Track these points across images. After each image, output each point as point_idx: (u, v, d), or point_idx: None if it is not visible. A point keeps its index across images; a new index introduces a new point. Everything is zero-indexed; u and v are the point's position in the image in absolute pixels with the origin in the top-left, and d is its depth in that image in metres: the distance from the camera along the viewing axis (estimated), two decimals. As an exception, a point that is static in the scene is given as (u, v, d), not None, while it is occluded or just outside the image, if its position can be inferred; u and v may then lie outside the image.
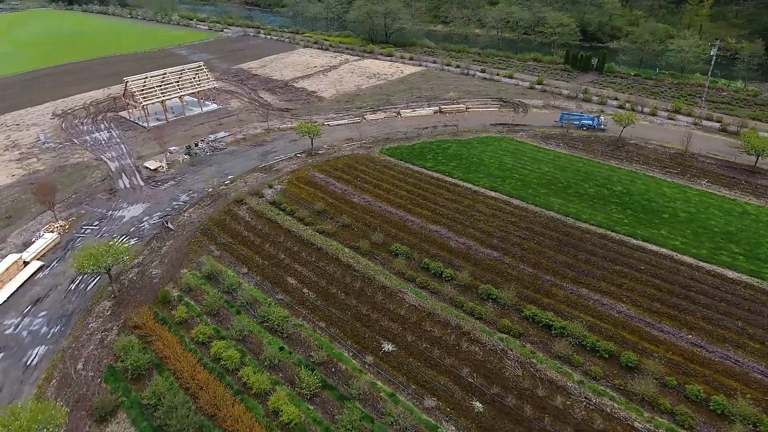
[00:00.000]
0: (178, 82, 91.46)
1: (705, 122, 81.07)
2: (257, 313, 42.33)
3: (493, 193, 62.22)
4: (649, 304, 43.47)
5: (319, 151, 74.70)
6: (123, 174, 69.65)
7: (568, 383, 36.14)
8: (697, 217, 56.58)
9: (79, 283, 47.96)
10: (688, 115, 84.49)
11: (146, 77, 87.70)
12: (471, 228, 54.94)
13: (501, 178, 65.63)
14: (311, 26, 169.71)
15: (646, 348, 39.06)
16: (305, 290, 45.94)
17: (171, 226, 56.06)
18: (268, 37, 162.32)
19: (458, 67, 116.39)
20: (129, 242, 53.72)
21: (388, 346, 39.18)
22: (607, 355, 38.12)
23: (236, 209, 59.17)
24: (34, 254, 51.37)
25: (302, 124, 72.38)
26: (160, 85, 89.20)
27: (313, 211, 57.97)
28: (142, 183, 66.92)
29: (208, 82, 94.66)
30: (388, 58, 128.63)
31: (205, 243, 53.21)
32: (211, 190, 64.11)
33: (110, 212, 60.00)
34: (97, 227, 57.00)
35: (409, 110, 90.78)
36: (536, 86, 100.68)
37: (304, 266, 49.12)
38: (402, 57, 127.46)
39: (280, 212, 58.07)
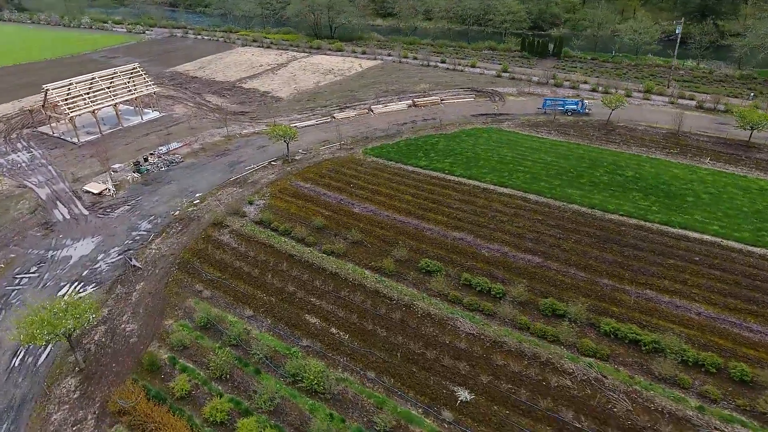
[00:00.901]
0: (109, 87, 76.55)
1: (680, 101, 79.30)
2: (285, 371, 32.17)
3: (504, 189, 55.22)
4: (724, 301, 38.16)
5: (296, 157, 64.20)
6: (58, 202, 55.38)
7: (688, 412, 29.58)
8: (721, 197, 52.83)
9: (24, 356, 35.10)
10: (660, 94, 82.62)
11: (71, 83, 72.24)
12: (498, 231, 47.52)
13: (507, 172, 58.85)
14: (245, 24, 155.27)
15: (748, 354, 33.48)
16: (334, 330, 36.24)
17: (137, 264, 43.80)
18: (199, 37, 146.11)
19: (416, 58, 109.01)
20: (85, 290, 41.03)
21: (463, 394, 30.67)
22: (714, 370, 32.09)
23: (217, 234, 47.79)
24: (-48, 322, 37.56)
25: (276, 127, 61.53)
26: (89, 93, 73.99)
27: (311, 228, 47.92)
28: (85, 211, 53.24)
29: (146, 86, 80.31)
30: (339, 53, 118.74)
31: (187, 282, 41.68)
32: (178, 213, 51.95)
33: (50, 253, 46.41)
34: (35, 275, 43.44)
35: (380, 106, 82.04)
36: (503, 74, 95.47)
37: (322, 299, 39.28)
38: (354, 51, 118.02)
39: (273, 233, 47.50)
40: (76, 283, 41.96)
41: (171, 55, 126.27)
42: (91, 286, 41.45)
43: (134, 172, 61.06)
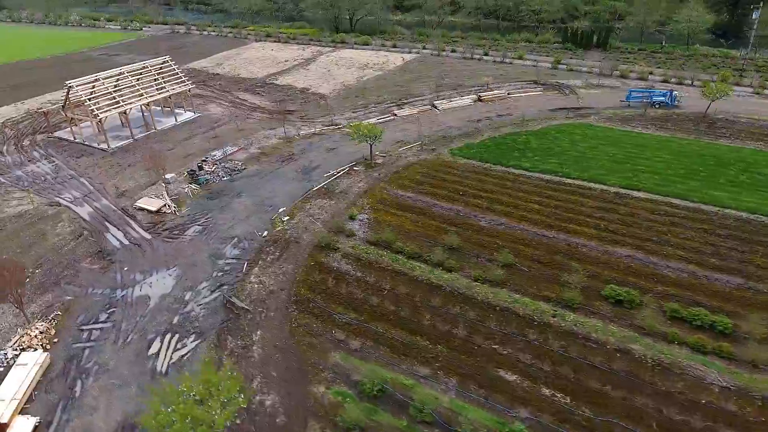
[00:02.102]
0: (139, 84, 64.56)
1: (765, 91, 72.54)
2: (525, 464, 22.55)
3: (639, 194, 46.52)
4: None
5: (377, 161, 54.13)
6: (107, 224, 43.92)
7: None
8: None
9: (131, 453, 24.37)
10: (737, 84, 75.66)
11: (96, 79, 60.15)
12: (666, 245, 38.72)
13: (629, 173, 50.21)
14: (250, 20, 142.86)
15: None
16: (547, 391, 26.68)
17: (243, 305, 33.20)
18: (205, 33, 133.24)
19: (454, 51, 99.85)
20: (184, 345, 30.29)
21: (787, 488, 21.68)
22: None
23: (329, 260, 37.48)
24: (14, 403, 26.24)
25: (359, 126, 51.37)
26: (116, 90, 61.94)
27: (445, 248, 38.07)
28: (146, 234, 42.00)
29: (179, 83, 68.51)
30: (366, 47, 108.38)
31: (318, 328, 31.37)
32: (266, 234, 41.29)
33: (119, 292, 35.21)
34: (109, 324, 32.30)
35: (444, 101, 72.50)
36: (559, 66, 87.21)
37: (507, 345, 29.68)
38: (383, 45, 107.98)
39: (398, 256, 37.47)
40: (168, 335, 31.10)
41: (180, 52, 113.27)
42: (191, 340, 30.69)
43: (191, 183, 49.93)
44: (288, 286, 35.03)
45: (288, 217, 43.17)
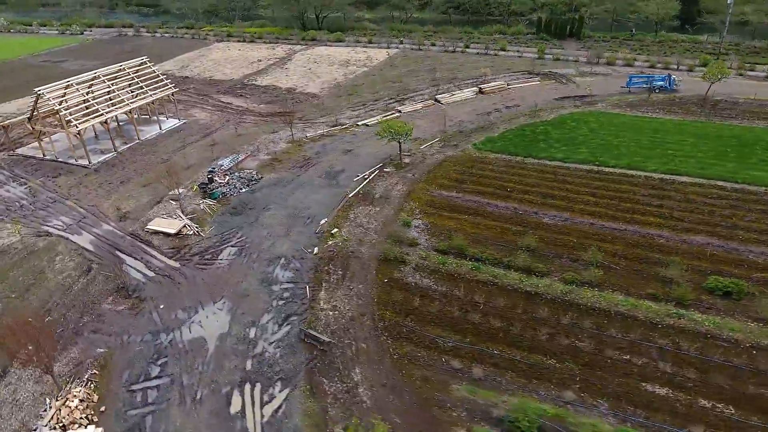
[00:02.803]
0: (117, 89, 56.04)
1: (749, 72, 74.71)
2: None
3: (683, 178, 45.13)
4: None
5: (405, 160, 49.69)
6: (119, 253, 36.66)
7: None
8: None
9: None
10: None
11: (68, 85, 51.30)
12: (737, 229, 37.15)
13: (664, 158, 48.88)
14: (206, 20, 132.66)
15: None
16: (704, 402, 23.66)
17: (326, 337, 27.86)
18: (157, 35, 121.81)
19: (434, 45, 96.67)
20: (272, 396, 24.68)
21: None
22: None
23: (402, 275, 32.76)
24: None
25: (389, 123, 46.65)
26: (91, 96, 53.31)
27: (525, 251, 34.41)
28: (173, 263, 35.27)
29: (161, 86, 60.34)
30: (341, 44, 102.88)
31: (423, 357, 26.71)
32: (317, 251, 35.83)
33: (165, 337, 28.73)
34: (166, 380, 25.94)
35: (446, 95, 68.96)
36: (545, 56, 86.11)
37: (642, 355, 26.41)
38: (358, 42, 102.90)
39: (479, 264, 33.39)
40: (247, 386, 25.30)
41: (134, 55, 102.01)
42: (278, 389, 25.06)
43: (204, 198, 43.23)
44: (368, 309, 30.05)
45: (336, 229, 37.87)
